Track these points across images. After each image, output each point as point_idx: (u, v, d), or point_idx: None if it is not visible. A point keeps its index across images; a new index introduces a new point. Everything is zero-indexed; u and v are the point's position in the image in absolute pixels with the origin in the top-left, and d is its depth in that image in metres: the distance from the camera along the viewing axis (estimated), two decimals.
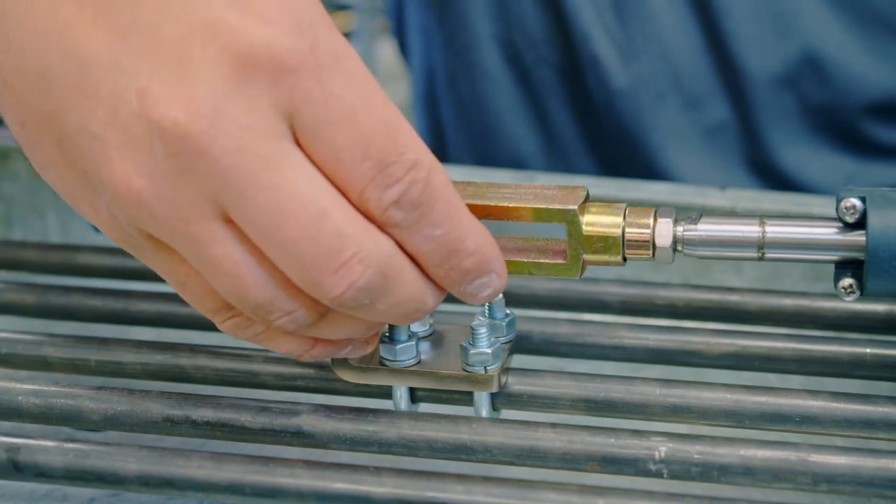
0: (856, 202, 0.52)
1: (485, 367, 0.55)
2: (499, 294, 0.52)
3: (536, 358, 0.62)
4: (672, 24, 0.96)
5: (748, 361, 0.60)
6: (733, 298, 0.64)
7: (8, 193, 0.87)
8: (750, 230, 0.53)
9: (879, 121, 0.96)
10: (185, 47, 0.45)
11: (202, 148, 0.45)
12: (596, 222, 0.53)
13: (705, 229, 0.53)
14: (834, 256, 0.53)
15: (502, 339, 0.57)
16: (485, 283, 0.50)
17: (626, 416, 0.56)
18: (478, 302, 0.51)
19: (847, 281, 0.53)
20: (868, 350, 0.60)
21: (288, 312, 0.49)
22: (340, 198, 0.46)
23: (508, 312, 0.58)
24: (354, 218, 0.47)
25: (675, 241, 0.53)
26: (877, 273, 0.51)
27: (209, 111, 0.45)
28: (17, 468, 0.54)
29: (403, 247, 0.48)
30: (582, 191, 0.53)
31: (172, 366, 0.60)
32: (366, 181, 0.46)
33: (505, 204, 0.53)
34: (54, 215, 0.87)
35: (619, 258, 0.53)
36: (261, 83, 0.45)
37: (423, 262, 0.49)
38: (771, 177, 0.99)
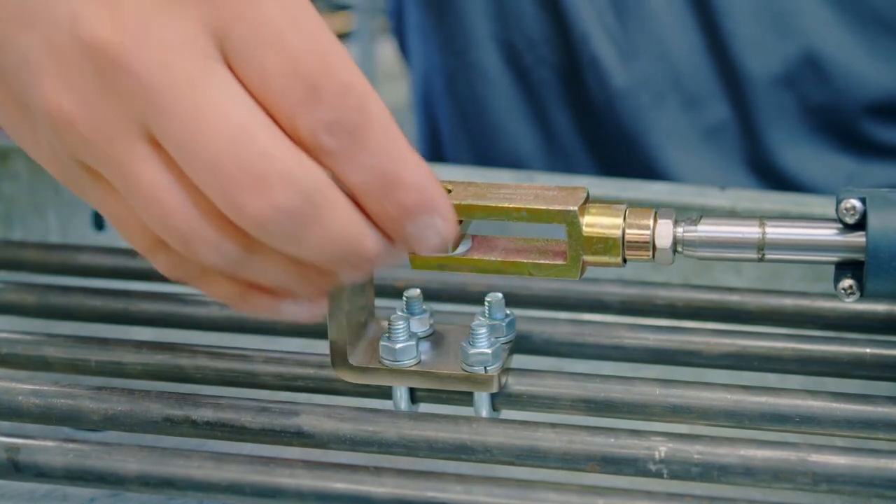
0: (856, 203, 0.52)
1: (485, 368, 0.55)
2: (447, 243, 0.49)
3: (536, 358, 0.62)
4: (671, 24, 0.96)
5: (748, 361, 0.60)
6: (733, 298, 0.64)
7: (8, 193, 0.87)
8: (750, 231, 0.53)
9: (879, 121, 0.96)
10: None
11: (127, 64, 0.45)
12: (596, 223, 0.53)
13: (705, 230, 0.53)
14: (834, 257, 0.53)
15: (502, 340, 0.57)
16: (428, 225, 0.48)
17: (626, 417, 0.56)
18: (425, 250, 0.49)
19: (847, 282, 0.53)
20: (868, 350, 0.60)
21: (213, 245, 0.47)
22: (268, 120, 0.45)
23: (508, 313, 0.58)
24: (281, 140, 0.45)
25: (675, 243, 0.53)
26: (877, 274, 0.51)
27: (136, 28, 0.45)
28: (17, 468, 0.54)
29: (339, 179, 0.47)
30: (582, 192, 0.53)
31: (172, 366, 0.60)
32: (295, 104, 0.45)
33: (505, 204, 0.53)
34: (54, 215, 0.87)
35: (619, 259, 0.53)
36: (190, 3, 0.45)
37: (360, 198, 0.47)
38: (771, 177, 0.99)
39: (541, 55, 1.00)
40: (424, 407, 0.57)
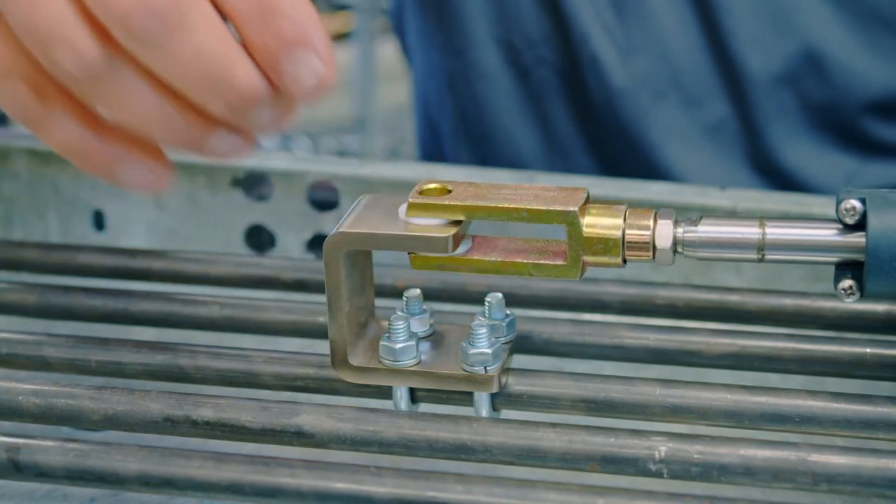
0: (856, 204, 0.52)
1: (485, 368, 0.55)
2: (323, 85, 0.48)
3: (536, 358, 0.62)
4: (671, 22, 0.96)
5: (748, 361, 0.60)
6: (733, 298, 0.64)
7: (8, 193, 0.87)
8: (750, 232, 0.53)
9: (880, 119, 0.96)
10: None
11: None
12: (596, 224, 0.53)
13: (705, 231, 0.53)
14: (834, 258, 0.53)
15: (502, 340, 0.57)
16: (304, 62, 0.46)
17: (626, 417, 0.56)
18: (301, 92, 0.47)
19: (847, 282, 0.53)
20: (868, 350, 0.60)
21: (75, 48, 0.45)
22: None
23: (508, 313, 0.58)
24: None
25: (676, 243, 0.53)
26: (877, 274, 0.51)
27: None
28: (18, 468, 0.54)
29: (218, 7, 0.45)
30: (582, 192, 0.54)
31: (172, 366, 0.60)
32: None
33: (505, 205, 0.53)
34: (54, 215, 0.87)
35: (619, 260, 0.53)
36: None
37: (238, 24, 0.46)
38: (772, 175, 0.99)
39: (540, 55, 1.00)
40: (424, 407, 0.57)
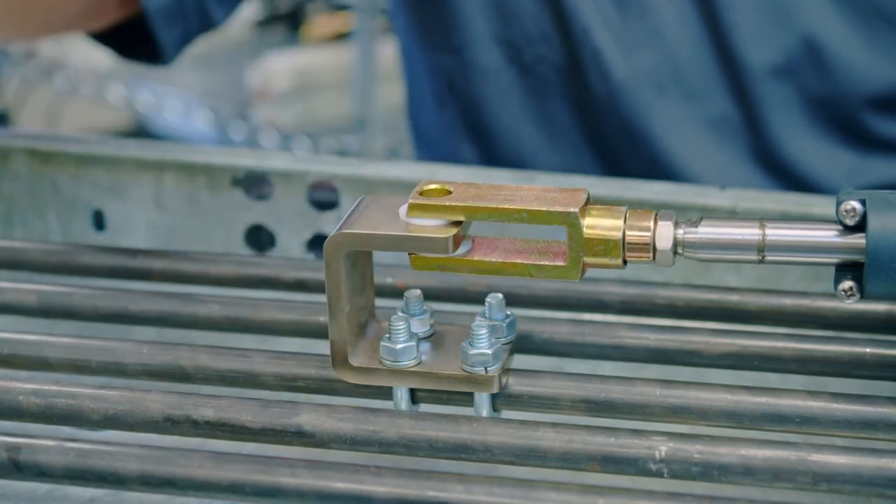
0: (856, 205, 0.52)
1: (485, 368, 0.55)
2: None
3: (536, 358, 0.62)
4: (672, 16, 0.96)
5: (748, 361, 0.61)
6: (733, 298, 0.64)
7: (8, 193, 0.87)
8: (750, 233, 0.53)
9: (880, 114, 0.96)
10: None
11: None
12: (596, 225, 0.53)
13: (705, 232, 0.53)
14: (834, 259, 0.53)
15: (503, 340, 0.57)
16: None
17: (626, 417, 0.56)
18: None
19: (847, 283, 0.53)
20: (868, 350, 0.60)
21: None
22: None
23: (509, 313, 0.58)
24: None
25: (676, 244, 0.53)
26: (877, 275, 0.51)
27: None
28: (18, 468, 0.54)
29: None
30: (583, 193, 0.54)
31: (173, 366, 0.60)
32: None
33: (506, 206, 0.53)
34: (54, 215, 0.87)
35: (620, 261, 0.53)
36: None
37: None
38: (774, 169, 0.98)
39: (540, 53, 1.00)
40: (425, 407, 0.57)
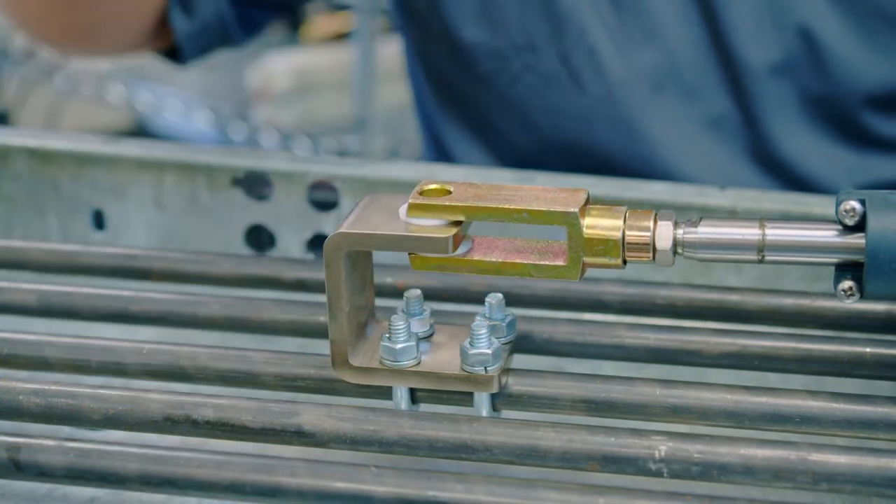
0: (855, 205, 0.52)
1: (485, 368, 0.55)
2: None
3: (536, 358, 0.62)
4: (670, 15, 0.96)
5: (748, 361, 0.60)
6: (733, 298, 0.64)
7: (8, 193, 0.87)
8: (750, 233, 0.53)
9: (878, 113, 0.96)
10: None
11: None
12: (596, 225, 0.53)
13: (705, 232, 0.53)
14: (834, 259, 0.53)
15: (502, 340, 0.57)
16: None
17: (626, 417, 0.56)
18: None
19: (847, 283, 0.53)
20: (868, 350, 0.60)
21: None
22: None
23: (509, 313, 0.58)
24: None
25: (675, 244, 0.53)
26: (876, 275, 0.51)
27: None
28: (18, 467, 0.54)
29: None
30: (583, 193, 0.54)
31: (173, 366, 0.60)
32: None
33: (506, 206, 0.53)
34: (54, 215, 0.87)
35: (620, 261, 0.53)
36: None
37: None
38: (772, 167, 0.98)
39: (528, 62, 1.00)
40: (425, 407, 0.57)
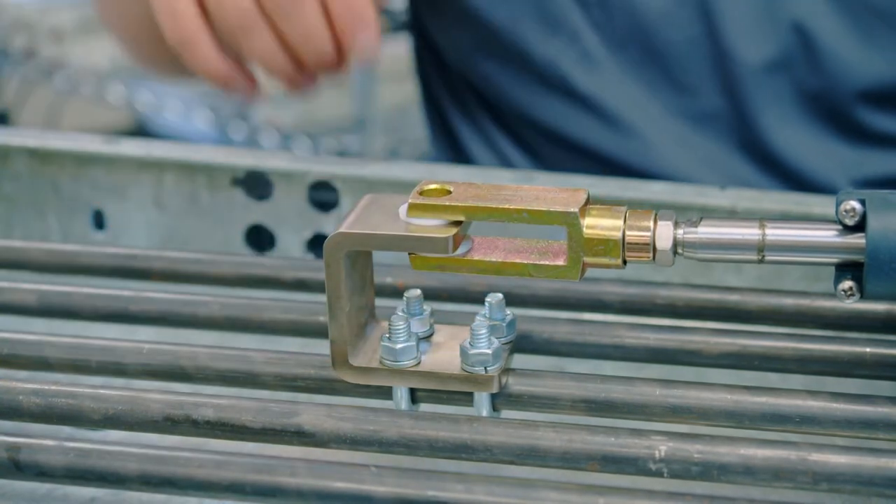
0: (855, 205, 0.52)
1: (485, 368, 0.55)
2: (373, 55, 0.80)
3: (536, 358, 0.62)
4: (662, 10, 0.96)
5: (748, 361, 0.60)
6: (733, 298, 0.64)
7: (8, 193, 0.87)
8: (750, 233, 0.53)
9: (873, 109, 0.96)
10: None
11: None
12: (596, 225, 0.53)
13: (705, 232, 0.53)
14: (834, 259, 0.53)
15: (502, 340, 0.57)
16: (363, 36, 0.82)
17: (626, 417, 0.56)
18: (357, 57, 0.82)
19: (847, 283, 0.53)
20: (868, 349, 0.59)
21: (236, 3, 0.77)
22: None
23: (508, 313, 0.58)
24: None
25: (676, 244, 0.53)
26: (876, 275, 0.51)
27: None
28: (18, 467, 0.54)
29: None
30: (583, 193, 0.54)
31: (173, 366, 0.60)
32: None
33: (506, 206, 0.53)
34: (54, 215, 0.87)
35: (620, 261, 0.53)
36: None
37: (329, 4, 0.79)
38: (768, 163, 0.98)
39: (515, 72, 1.01)
40: (425, 407, 0.57)
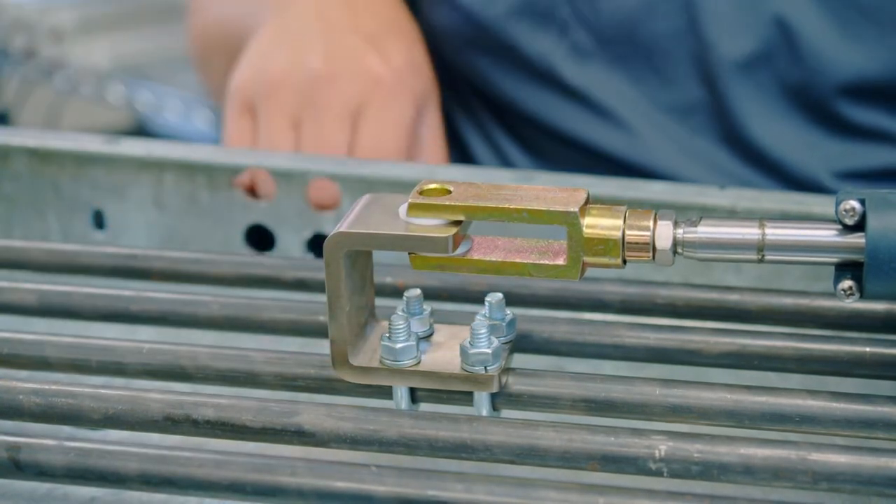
0: (855, 204, 0.52)
1: (485, 367, 0.55)
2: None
3: (536, 357, 0.63)
4: (646, 3, 0.96)
5: (748, 360, 0.60)
6: (733, 297, 0.64)
7: (8, 193, 0.87)
8: (750, 232, 0.53)
9: (853, 102, 0.95)
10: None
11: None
12: (596, 224, 0.53)
13: (705, 231, 0.53)
14: (834, 258, 0.53)
15: (502, 340, 0.57)
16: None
17: (626, 416, 0.56)
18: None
19: (847, 283, 0.53)
20: (868, 349, 0.59)
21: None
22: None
23: (508, 313, 0.58)
24: None
25: (675, 244, 0.53)
26: (876, 275, 0.51)
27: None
28: (18, 467, 0.54)
29: None
30: (583, 193, 0.54)
31: (173, 366, 0.60)
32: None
33: (506, 205, 0.53)
34: (54, 215, 0.87)
35: (619, 260, 0.53)
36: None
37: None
38: (751, 155, 0.97)
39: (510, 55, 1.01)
40: (425, 407, 0.58)
